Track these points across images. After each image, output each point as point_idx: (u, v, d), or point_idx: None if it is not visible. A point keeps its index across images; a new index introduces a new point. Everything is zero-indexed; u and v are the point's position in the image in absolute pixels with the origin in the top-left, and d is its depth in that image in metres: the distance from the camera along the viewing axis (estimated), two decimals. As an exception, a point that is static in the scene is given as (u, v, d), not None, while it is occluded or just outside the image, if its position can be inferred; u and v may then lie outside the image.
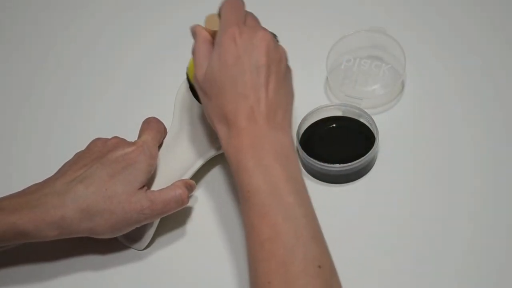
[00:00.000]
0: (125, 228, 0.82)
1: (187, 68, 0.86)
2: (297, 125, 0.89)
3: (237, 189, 0.75)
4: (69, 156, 0.89)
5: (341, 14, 1.02)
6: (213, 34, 0.81)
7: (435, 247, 0.83)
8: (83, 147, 0.89)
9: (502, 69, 0.95)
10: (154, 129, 0.86)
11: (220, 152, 0.88)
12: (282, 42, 1.00)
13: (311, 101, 0.92)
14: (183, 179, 0.85)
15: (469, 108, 0.92)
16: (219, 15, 0.81)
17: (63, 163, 0.86)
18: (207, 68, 0.78)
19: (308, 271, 0.70)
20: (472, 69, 0.95)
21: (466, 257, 0.83)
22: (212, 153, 0.88)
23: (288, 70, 0.80)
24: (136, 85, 1.00)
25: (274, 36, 0.84)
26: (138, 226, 0.82)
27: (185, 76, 0.87)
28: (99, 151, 0.84)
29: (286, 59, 0.80)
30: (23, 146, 0.97)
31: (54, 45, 1.05)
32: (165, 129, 0.89)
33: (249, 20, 0.80)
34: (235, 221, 0.86)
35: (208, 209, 0.88)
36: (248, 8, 0.94)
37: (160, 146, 0.87)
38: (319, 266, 0.70)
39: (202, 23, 1.04)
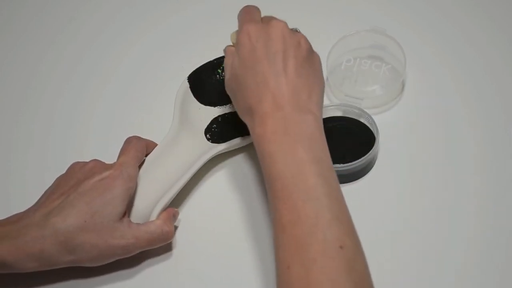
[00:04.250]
0: (107, 260, 0.82)
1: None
2: (297, 125, 0.89)
3: (264, 175, 0.76)
4: (69, 156, 0.89)
5: (341, 14, 1.02)
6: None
7: (435, 247, 0.83)
8: (82, 148, 0.89)
9: (503, 69, 0.95)
10: (133, 148, 0.85)
11: (216, 154, 0.88)
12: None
13: (311, 101, 0.92)
14: (168, 210, 0.85)
15: (470, 108, 0.92)
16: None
17: (62, 163, 0.86)
18: (231, 69, 0.81)
19: (328, 252, 0.69)
20: (472, 69, 0.95)
21: (467, 257, 0.83)
22: (212, 153, 0.88)
23: (311, 54, 0.81)
24: (136, 85, 1.00)
25: (296, 30, 0.85)
26: (119, 258, 0.82)
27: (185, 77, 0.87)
28: (77, 178, 0.83)
29: (306, 44, 0.80)
30: (22, 146, 0.97)
31: (53, 45, 1.05)
32: (147, 146, 0.88)
33: (265, 18, 0.82)
34: (228, 228, 0.86)
35: (204, 213, 0.89)
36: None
37: (142, 164, 0.87)
38: (341, 247, 0.69)
39: (200, 23, 1.05)
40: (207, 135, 0.89)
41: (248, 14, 0.82)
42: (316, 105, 0.78)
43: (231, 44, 0.84)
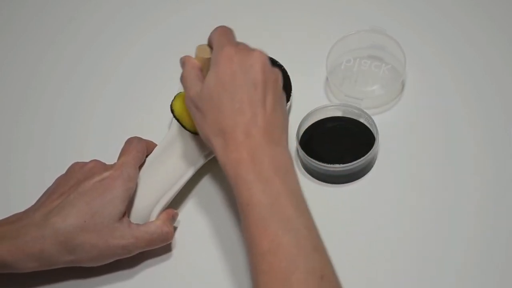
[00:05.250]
0: (107, 260, 0.82)
1: (172, 104, 0.86)
2: (297, 125, 0.89)
3: (236, 202, 0.75)
4: (69, 156, 0.89)
5: (341, 14, 1.02)
6: (204, 62, 0.81)
7: (435, 247, 0.83)
8: (82, 148, 0.89)
9: (503, 69, 0.95)
10: (134, 149, 0.85)
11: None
12: (282, 42, 1.00)
13: (311, 101, 0.92)
14: (167, 211, 0.85)
15: (470, 108, 0.92)
16: (209, 45, 0.82)
17: (62, 163, 0.86)
18: (204, 85, 0.78)
19: (310, 282, 0.70)
20: (472, 69, 0.95)
21: (467, 257, 0.83)
22: (212, 153, 0.88)
23: (283, 93, 0.80)
24: (136, 85, 1.00)
25: (276, 61, 0.84)
26: (119, 258, 0.82)
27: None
28: (77, 178, 0.83)
29: (281, 81, 0.80)
30: (22, 146, 0.97)
31: (53, 45, 1.05)
32: (147, 146, 0.88)
33: (242, 45, 0.80)
34: (228, 229, 0.86)
35: (200, 217, 0.89)
36: (249, 8, 0.94)
37: (142, 164, 0.87)
38: (321, 277, 0.70)
39: (200, 23, 1.05)
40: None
41: (226, 36, 0.80)
42: (286, 141, 0.78)
43: (196, 56, 0.82)
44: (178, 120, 0.86)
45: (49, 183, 0.85)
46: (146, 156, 0.87)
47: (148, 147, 0.87)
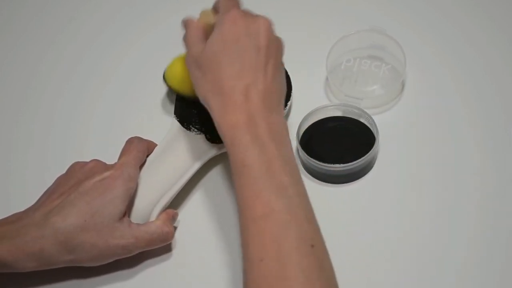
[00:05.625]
0: (107, 260, 0.82)
1: (167, 68, 0.87)
2: (297, 125, 0.89)
3: (230, 163, 0.75)
4: (69, 156, 0.89)
5: (341, 14, 1.02)
6: (207, 28, 0.81)
7: (435, 247, 0.83)
8: (82, 148, 0.89)
9: (503, 69, 0.95)
10: (135, 149, 0.85)
11: (216, 154, 0.88)
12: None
13: (311, 101, 0.92)
14: (167, 211, 0.85)
15: (470, 108, 0.92)
16: (214, 11, 0.82)
17: (62, 163, 0.86)
18: (207, 44, 0.78)
19: (301, 249, 0.70)
20: (473, 69, 0.95)
21: (467, 257, 0.83)
22: (212, 153, 0.88)
23: (283, 63, 0.81)
24: (136, 85, 1.00)
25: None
26: (119, 258, 0.82)
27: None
28: (77, 178, 0.83)
29: (283, 50, 0.80)
30: (22, 146, 0.97)
31: (53, 45, 1.05)
32: (148, 147, 0.88)
33: (248, 11, 0.81)
34: (228, 229, 0.86)
35: (201, 215, 0.89)
36: (248, 8, 0.94)
37: (143, 164, 0.87)
38: (312, 245, 0.70)
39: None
40: (207, 135, 0.89)
41: (233, 1, 0.81)
42: (283, 110, 0.79)
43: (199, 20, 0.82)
44: (169, 85, 0.86)
45: (49, 183, 0.85)
46: (147, 156, 0.87)
47: (148, 147, 0.87)
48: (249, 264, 0.70)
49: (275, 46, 0.79)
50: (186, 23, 0.83)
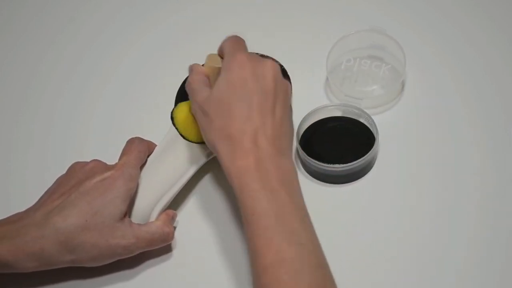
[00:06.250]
0: (107, 260, 0.81)
1: (173, 112, 0.85)
2: (297, 125, 0.89)
3: (240, 211, 0.74)
4: (69, 156, 0.89)
5: (341, 14, 1.02)
6: (213, 71, 0.81)
7: (435, 247, 0.83)
8: (82, 148, 0.89)
9: (504, 68, 0.95)
10: (136, 149, 0.85)
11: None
12: (282, 42, 1.00)
13: (311, 101, 0.92)
14: (167, 212, 0.85)
15: (470, 108, 0.92)
16: (220, 55, 0.81)
17: (62, 163, 0.86)
18: (214, 89, 0.77)
19: None
20: (472, 69, 0.95)
21: (467, 257, 0.83)
22: (212, 153, 0.88)
23: (291, 106, 0.80)
24: (136, 85, 1.00)
25: (282, 67, 0.83)
26: (119, 258, 0.82)
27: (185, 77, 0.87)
28: (78, 177, 0.83)
29: (291, 93, 0.80)
30: (22, 146, 0.97)
31: (53, 45, 1.05)
32: (148, 147, 0.87)
33: (254, 54, 0.80)
34: (228, 229, 0.86)
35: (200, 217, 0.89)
36: (249, 8, 0.94)
37: (144, 164, 0.87)
38: None
39: (200, 23, 1.05)
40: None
41: (239, 44, 0.80)
42: (292, 154, 0.78)
43: (205, 64, 0.82)
44: (178, 130, 0.85)
45: (49, 183, 0.85)
46: (147, 157, 0.87)
47: (149, 148, 0.87)
48: None
49: (283, 89, 0.78)
50: (190, 68, 0.82)
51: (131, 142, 0.86)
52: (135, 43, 1.04)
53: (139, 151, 0.85)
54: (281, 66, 0.93)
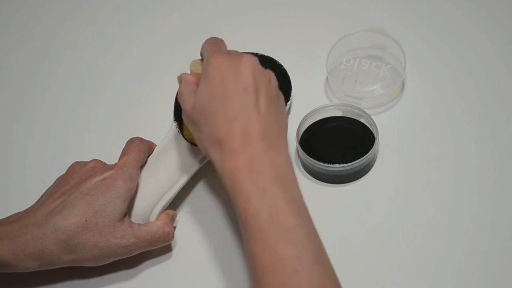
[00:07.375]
0: (107, 260, 0.81)
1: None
2: (297, 125, 0.89)
3: (236, 213, 0.74)
4: (69, 156, 0.89)
5: (341, 14, 1.02)
6: (198, 77, 0.80)
7: (436, 247, 0.83)
8: (82, 148, 0.89)
9: (503, 68, 0.95)
10: (136, 149, 0.85)
11: None
12: (282, 42, 1.00)
13: (311, 101, 0.92)
14: (167, 212, 0.85)
15: (470, 107, 0.92)
16: (201, 57, 0.81)
17: (62, 163, 0.86)
18: (196, 98, 0.77)
19: None
20: (472, 69, 0.95)
21: (467, 257, 0.83)
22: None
23: (278, 93, 0.79)
24: (136, 85, 1.00)
25: (275, 61, 0.83)
26: (120, 258, 0.82)
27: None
28: (78, 177, 0.83)
29: (275, 82, 0.78)
30: (22, 146, 0.97)
31: (53, 45, 1.05)
32: (149, 147, 0.87)
33: (232, 52, 0.79)
34: (228, 229, 0.86)
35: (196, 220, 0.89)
36: (249, 8, 0.94)
37: (144, 165, 0.87)
38: (324, 286, 0.69)
39: (200, 23, 1.05)
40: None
41: (215, 46, 0.79)
42: (285, 144, 0.77)
43: (189, 73, 0.81)
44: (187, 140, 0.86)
45: (49, 183, 0.85)
46: (147, 157, 0.87)
47: (149, 148, 0.88)
48: None
49: (264, 82, 0.77)
50: (179, 79, 0.81)
51: (131, 142, 0.86)
52: (135, 43, 1.04)
53: (139, 151, 0.85)
54: (281, 66, 0.93)
